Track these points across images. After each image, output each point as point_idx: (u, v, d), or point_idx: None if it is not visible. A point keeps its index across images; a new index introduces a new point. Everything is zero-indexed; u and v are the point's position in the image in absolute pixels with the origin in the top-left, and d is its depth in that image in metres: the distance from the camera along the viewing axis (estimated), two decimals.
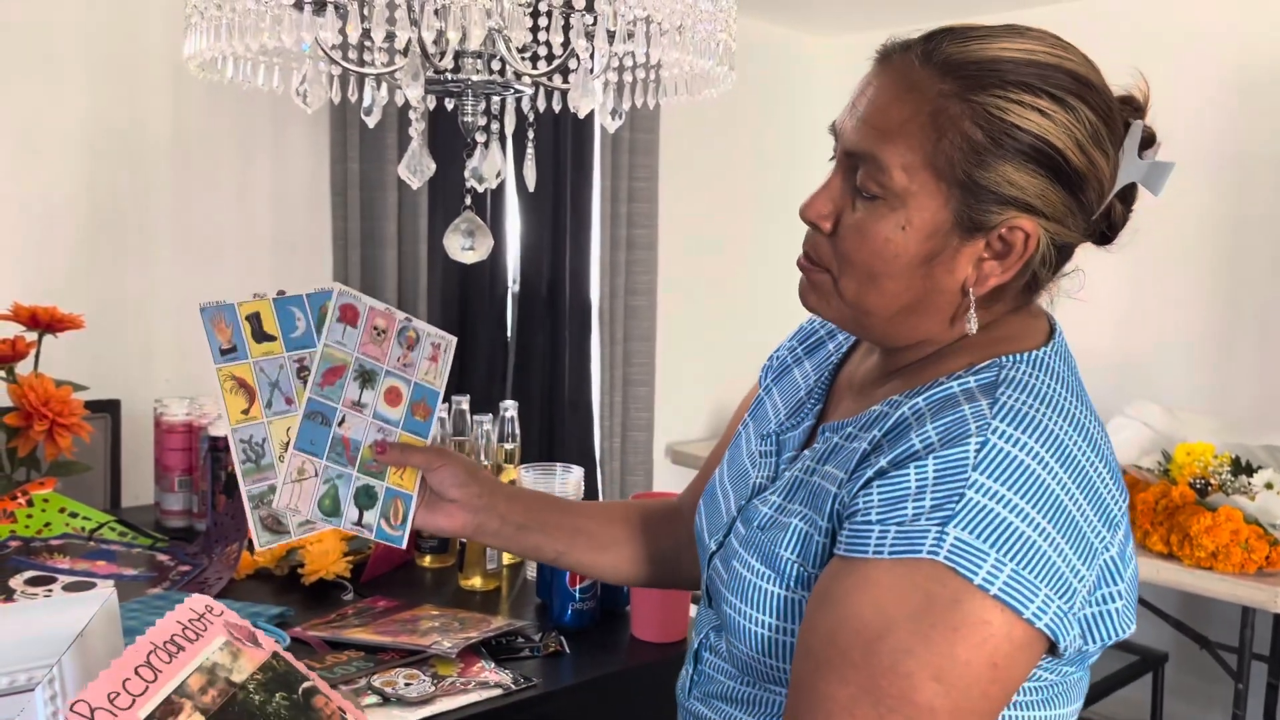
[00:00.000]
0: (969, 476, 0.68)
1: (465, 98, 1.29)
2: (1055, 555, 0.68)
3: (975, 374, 0.77)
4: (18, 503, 1.60)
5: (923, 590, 0.68)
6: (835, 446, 0.82)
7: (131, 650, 0.74)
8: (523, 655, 1.30)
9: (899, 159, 0.76)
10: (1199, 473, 2.22)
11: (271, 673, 0.81)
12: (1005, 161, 0.74)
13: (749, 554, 0.82)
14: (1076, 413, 0.75)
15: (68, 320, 1.69)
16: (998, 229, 0.76)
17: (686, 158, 3.41)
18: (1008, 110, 0.74)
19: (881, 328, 0.82)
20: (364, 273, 2.73)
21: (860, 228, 0.78)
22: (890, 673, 0.67)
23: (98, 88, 2.34)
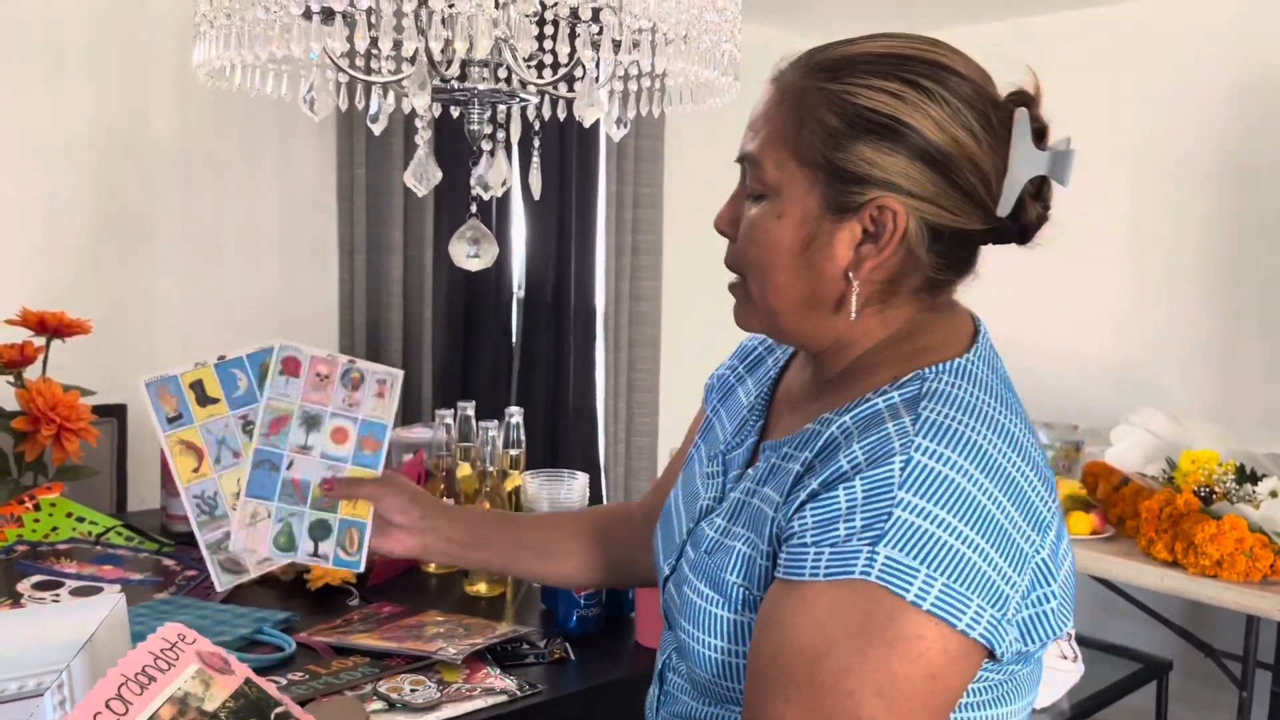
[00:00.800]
0: (895, 495, 0.70)
1: (471, 106, 1.30)
2: (986, 565, 0.70)
3: (899, 388, 0.78)
4: (25, 507, 1.61)
5: (859, 609, 0.70)
6: (774, 467, 0.84)
7: (103, 683, 0.74)
8: (528, 661, 1.31)
9: (771, 154, 0.81)
10: (1204, 480, 2.22)
11: (244, 700, 0.82)
12: (860, 142, 0.78)
13: (697, 579, 0.84)
14: (1002, 419, 0.76)
15: (75, 325, 1.70)
16: (865, 210, 0.79)
17: (691, 164, 3.42)
18: (859, 94, 0.78)
19: (793, 327, 0.85)
20: (369, 279, 2.74)
21: (749, 224, 0.84)
22: (833, 691, 0.69)
23: (104, 94, 2.35)
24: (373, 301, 2.75)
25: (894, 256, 0.80)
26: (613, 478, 3.22)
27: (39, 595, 1.40)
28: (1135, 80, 3.13)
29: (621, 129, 1.32)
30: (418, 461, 1.67)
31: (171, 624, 0.82)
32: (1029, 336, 3.38)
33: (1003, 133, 0.80)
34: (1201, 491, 2.20)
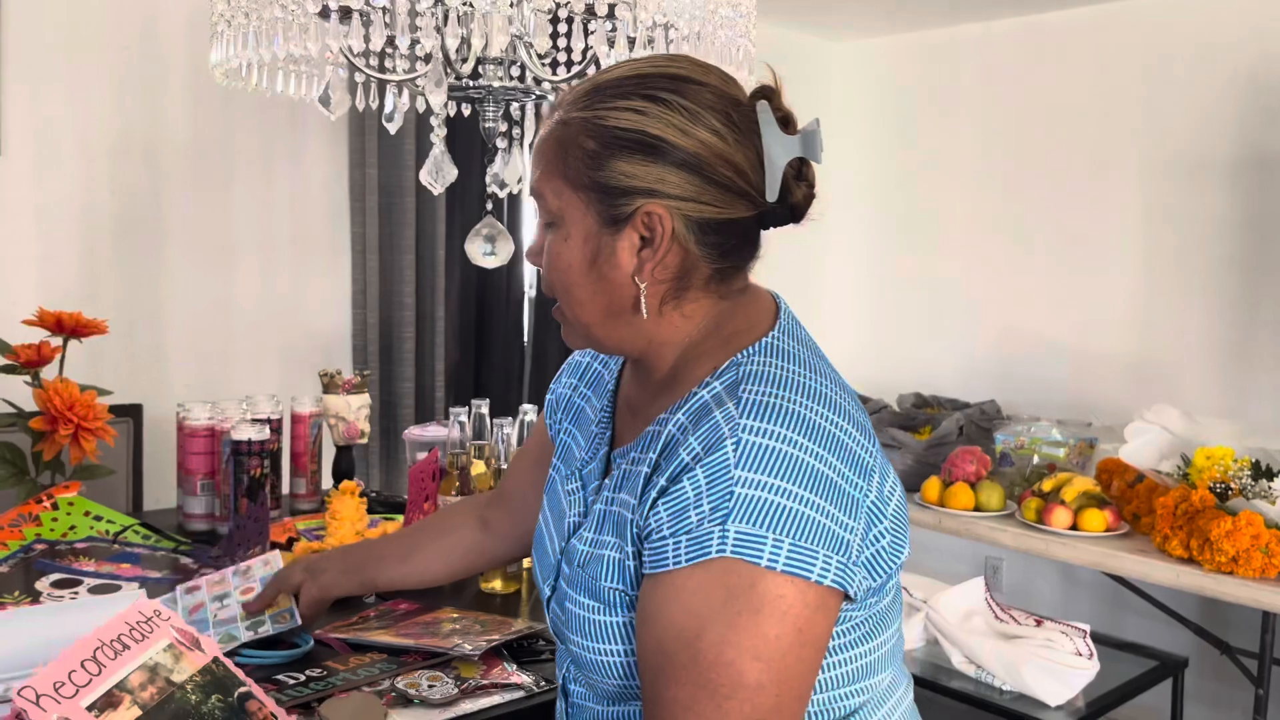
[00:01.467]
0: (732, 474, 0.77)
1: (486, 103, 1.30)
2: (823, 518, 0.77)
3: (719, 377, 0.86)
4: (43, 506, 1.62)
5: (721, 585, 0.76)
6: (625, 473, 0.89)
7: (80, 644, 0.80)
8: (544, 657, 1.31)
9: (549, 184, 0.88)
10: (1219, 477, 2.21)
11: (210, 676, 0.87)
12: (617, 158, 0.85)
13: (577, 593, 0.90)
14: (813, 384, 0.84)
15: (92, 325, 1.71)
16: (635, 218, 0.85)
17: None
18: (607, 116, 0.85)
19: (606, 335, 0.91)
20: (382, 278, 2.74)
21: (547, 252, 0.90)
22: (716, 664, 0.76)
23: (119, 95, 2.36)
24: (385, 301, 2.75)
25: (671, 255, 0.87)
26: None
27: (58, 593, 1.41)
28: (1148, 76, 3.12)
29: None
30: (432, 459, 1.67)
31: (149, 600, 0.88)
32: (1044, 334, 3.36)
33: (749, 126, 0.86)
34: (1217, 488, 2.19)
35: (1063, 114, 3.26)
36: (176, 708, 0.83)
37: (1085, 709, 1.91)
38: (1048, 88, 3.27)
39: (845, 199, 3.78)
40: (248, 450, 1.76)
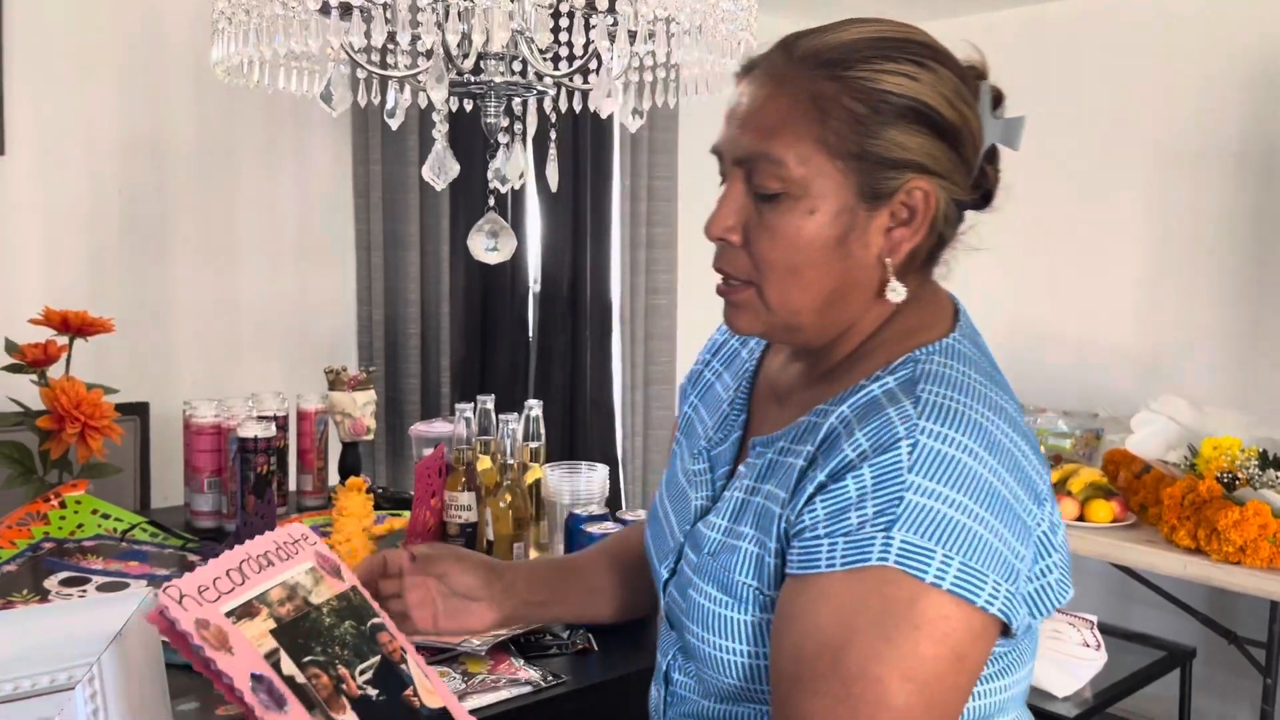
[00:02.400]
0: (905, 479, 0.70)
1: (487, 99, 1.30)
2: (997, 541, 0.71)
3: (892, 372, 0.79)
4: (51, 505, 1.62)
5: (879, 595, 0.69)
6: (771, 463, 0.83)
7: (227, 555, 0.83)
8: (551, 653, 1.31)
9: (791, 149, 0.78)
10: (1226, 467, 2.20)
11: (346, 603, 0.89)
12: (889, 126, 0.78)
13: (704, 582, 0.83)
14: (994, 396, 0.78)
15: (98, 324, 1.71)
16: (898, 194, 0.79)
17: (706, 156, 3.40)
18: (878, 79, 0.78)
19: (813, 325, 0.83)
20: (386, 275, 2.74)
21: (770, 227, 0.81)
22: (861, 679, 0.69)
23: (123, 93, 2.37)
24: (390, 298, 2.75)
25: (921, 235, 0.81)
26: (630, 470, 3.22)
27: (66, 591, 1.41)
28: (1154, 67, 3.10)
29: (637, 119, 1.32)
30: (438, 455, 1.67)
31: (300, 524, 0.91)
32: (1050, 324, 3.36)
33: (975, 101, 0.82)
34: (1224, 478, 2.18)
35: (1068, 105, 3.25)
36: (310, 626, 0.84)
37: (1093, 700, 1.91)
38: (1052, 79, 3.26)
39: None
40: (254, 447, 1.76)
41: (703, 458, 0.93)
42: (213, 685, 0.77)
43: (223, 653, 0.76)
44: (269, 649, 0.79)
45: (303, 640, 0.84)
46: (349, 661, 0.85)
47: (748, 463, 0.86)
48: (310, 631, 0.85)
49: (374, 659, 0.88)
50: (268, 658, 0.79)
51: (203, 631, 0.77)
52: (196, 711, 1.09)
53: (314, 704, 0.79)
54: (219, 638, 0.77)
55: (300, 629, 0.84)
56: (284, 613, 0.83)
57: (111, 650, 0.83)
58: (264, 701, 0.76)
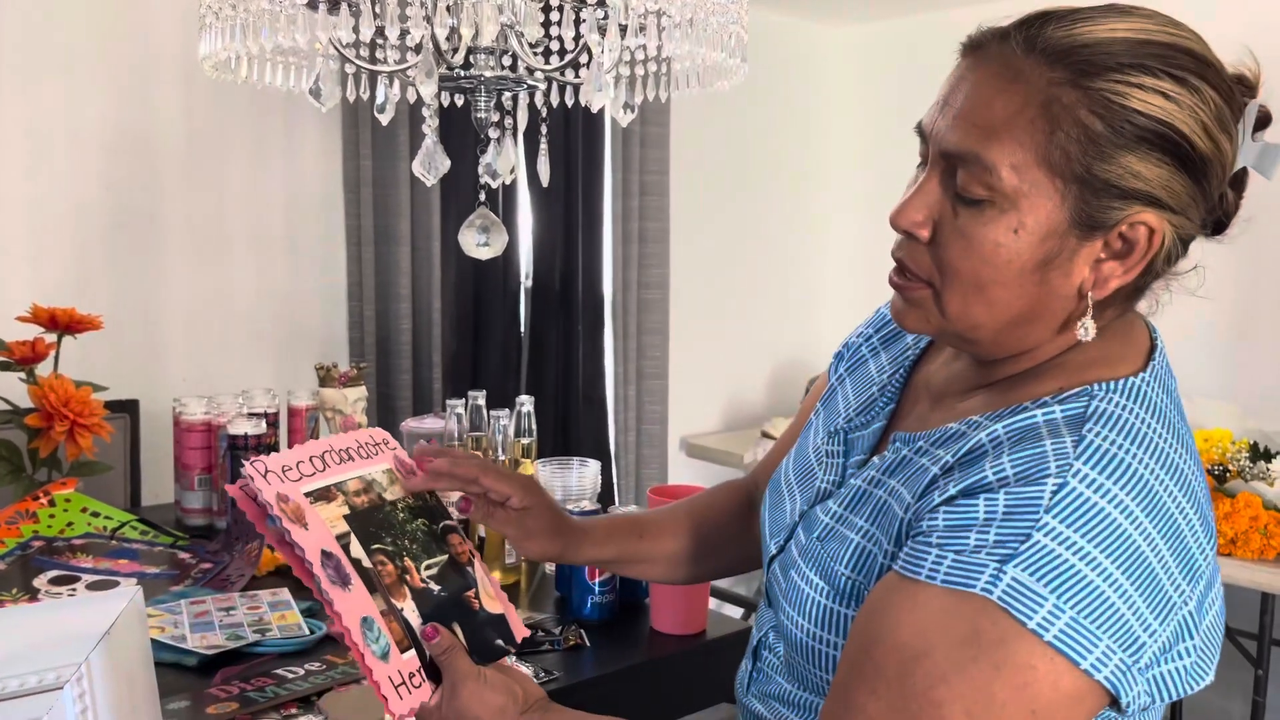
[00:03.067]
0: (1040, 518, 0.65)
1: (478, 94, 1.29)
2: (1125, 607, 0.65)
3: (1062, 403, 0.72)
4: (40, 503, 1.61)
5: (970, 622, 0.65)
6: (904, 460, 0.79)
7: (313, 443, 0.89)
8: (543, 649, 1.31)
9: (1007, 157, 0.70)
10: (1217, 459, 2.21)
11: (422, 503, 0.94)
12: (1128, 152, 0.68)
13: (807, 566, 0.81)
14: (1171, 452, 0.70)
15: (86, 321, 1.70)
16: (1119, 225, 0.71)
17: (698, 150, 3.41)
18: (1128, 95, 0.68)
19: (990, 340, 0.76)
20: (377, 270, 2.73)
21: (966, 234, 0.72)
22: (922, 697, 0.66)
23: (110, 88, 2.35)
24: (381, 293, 2.75)
25: (1135, 272, 0.73)
26: (623, 465, 3.22)
27: (56, 590, 1.40)
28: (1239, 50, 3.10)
29: (628, 114, 1.32)
30: None
31: (381, 429, 0.96)
32: None
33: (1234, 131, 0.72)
34: (1215, 470, 2.19)
35: None
36: (383, 518, 0.89)
37: None
38: None
39: (841, 186, 3.78)
40: (244, 444, 1.76)
41: (838, 439, 0.89)
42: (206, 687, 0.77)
43: (298, 526, 0.81)
44: (341, 531, 0.84)
45: (374, 529, 0.88)
46: (416, 555, 0.89)
47: (883, 455, 0.82)
48: (383, 523, 0.89)
49: (441, 557, 0.91)
50: (339, 539, 0.84)
51: (282, 505, 0.82)
52: (186, 710, 1.08)
53: (375, 588, 0.83)
54: (296, 513, 0.82)
55: (374, 519, 0.89)
56: (359, 503, 0.88)
57: (100, 649, 0.82)
58: (330, 577, 0.80)
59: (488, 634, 0.90)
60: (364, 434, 0.93)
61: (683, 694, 1.38)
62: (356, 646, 0.80)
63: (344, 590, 0.81)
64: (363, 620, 0.81)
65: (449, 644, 0.83)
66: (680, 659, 1.36)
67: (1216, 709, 2.92)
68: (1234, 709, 2.89)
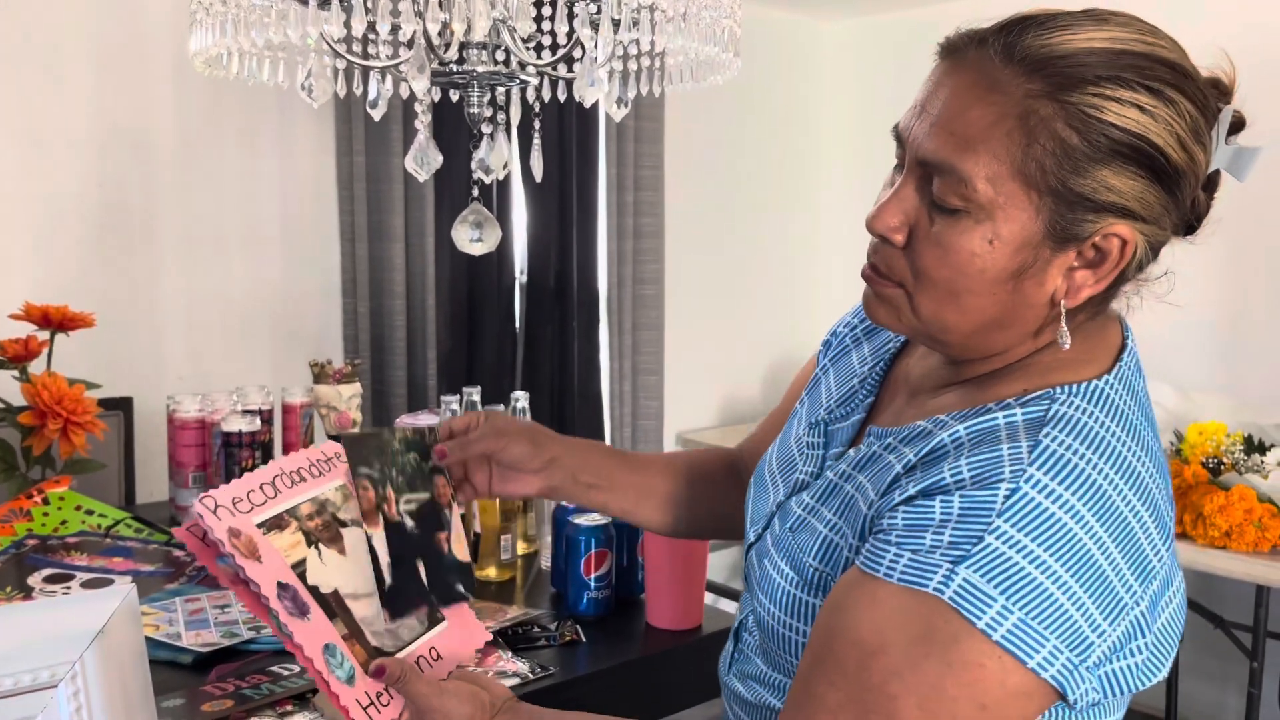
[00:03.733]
0: (992, 522, 0.67)
1: (470, 89, 1.29)
2: (1073, 608, 0.66)
3: (1024, 405, 0.73)
4: (34, 501, 1.61)
5: (924, 621, 0.67)
6: (873, 455, 0.80)
7: (263, 469, 0.86)
8: (539, 644, 1.31)
9: (983, 169, 0.70)
10: (1212, 452, 2.22)
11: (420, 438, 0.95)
12: (1103, 166, 0.69)
13: (778, 555, 0.83)
14: (1129, 456, 0.71)
15: (79, 319, 1.70)
16: (1092, 237, 0.72)
17: (692, 145, 3.40)
18: (1104, 109, 0.68)
19: (959, 343, 0.78)
20: (371, 267, 2.73)
21: (941, 242, 0.73)
22: (878, 691, 0.68)
23: (102, 85, 2.34)
24: (375, 290, 2.74)
25: (1108, 284, 0.74)
26: None
27: (50, 588, 1.40)
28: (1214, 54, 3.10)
29: (622, 109, 1.31)
30: None
31: (334, 443, 0.93)
32: None
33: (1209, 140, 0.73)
34: (1209, 463, 2.19)
35: None
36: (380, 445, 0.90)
37: None
38: None
39: (837, 182, 3.77)
40: (239, 441, 1.75)
41: (819, 430, 0.90)
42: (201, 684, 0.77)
43: (252, 561, 0.80)
44: (296, 559, 0.83)
45: (367, 453, 0.88)
46: (399, 487, 0.90)
47: (858, 448, 0.83)
48: (378, 449, 0.90)
49: (423, 494, 0.92)
50: (294, 567, 0.82)
51: (234, 540, 0.80)
52: (181, 708, 1.08)
53: (334, 613, 0.82)
54: (249, 547, 0.80)
55: (370, 445, 0.90)
56: (312, 527, 0.86)
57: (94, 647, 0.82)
58: (289, 609, 0.79)
59: (451, 579, 0.92)
60: (315, 451, 0.91)
61: (678, 688, 1.38)
62: (320, 675, 0.79)
63: (303, 620, 0.80)
64: (325, 648, 0.81)
65: (400, 673, 0.83)
66: (676, 654, 1.36)
67: (1211, 702, 2.93)
68: (1229, 701, 2.89)
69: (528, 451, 1.01)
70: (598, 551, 1.40)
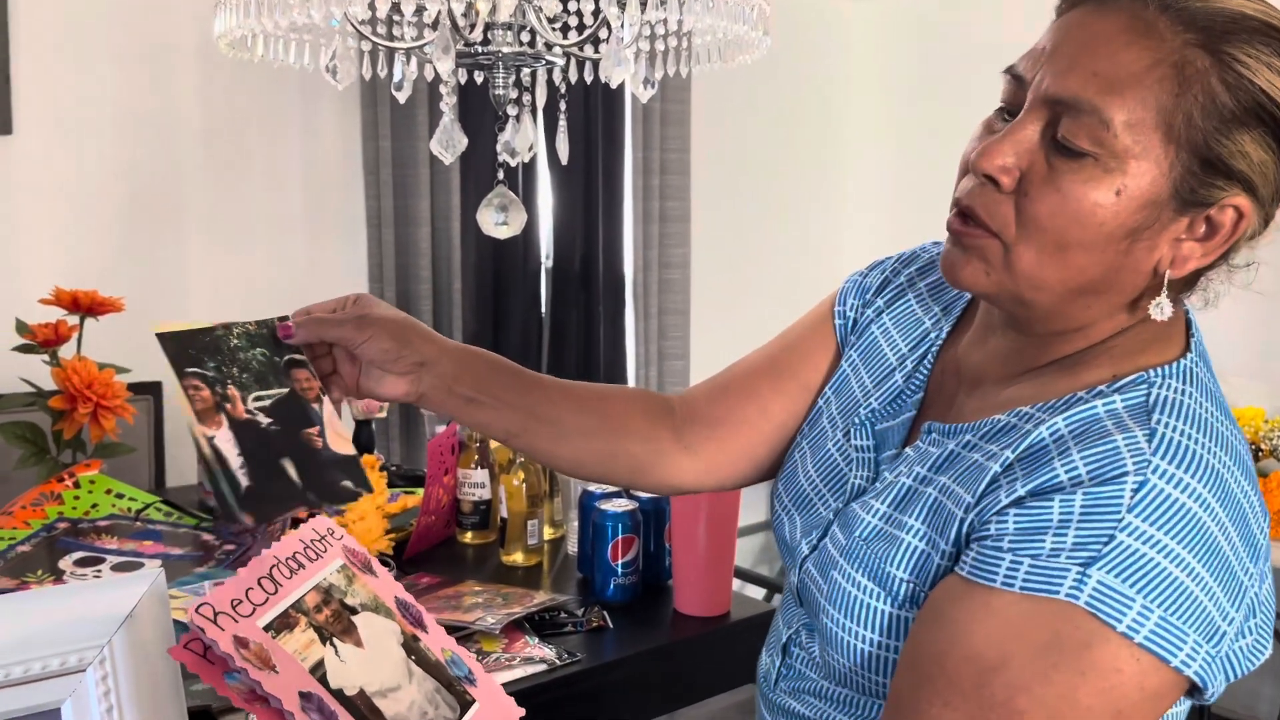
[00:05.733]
0: (1122, 518, 0.64)
1: (496, 70, 1.28)
2: (1207, 600, 0.64)
3: (1121, 391, 0.70)
4: (65, 485, 1.62)
5: (1050, 629, 0.64)
6: (951, 454, 0.76)
7: (256, 562, 0.78)
8: (566, 630, 1.30)
9: (1126, 113, 0.66)
10: (1250, 438, 2.18)
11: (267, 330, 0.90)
12: (1246, 130, 0.67)
13: (851, 566, 0.77)
14: (1226, 433, 0.69)
15: (108, 304, 1.71)
16: (1214, 205, 0.69)
17: (718, 128, 3.37)
18: (1259, 73, 0.66)
19: (1047, 306, 0.73)
20: (398, 252, 2.73)
21: (1061, 189, 0.68)
22: (1002, 708, 0.64)
23: (128, 71, 2.35)
24: (401, 274, 2.74)
25: (1213, 260, 0.72)
26: None
27: (81, 572, 1.41)
28: None
29: (649, 89, 1.30)
30: (451, 433, 1.66)
31: (323, 518, 0.84)
32: None
33: None
34: None
35: None
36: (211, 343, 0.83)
37: None
38: None
39: (868, 156, 3.73)
40: None
41: (865, 432, 0.85)
42: None
43: (267, 672, 0.71)
44: (314, 662, 0.75)
45: (194, 352, 0.81)
46: (244, 384, 0.82)
47: (918, 447, 0.79)
48: (209, 348, 0.82)
49: (279, 390, 0.84)
50: (313, 671, 0.74)
51: (243, 651, 0.71)
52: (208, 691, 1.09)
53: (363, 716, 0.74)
54: (260, 656, 0.72)
55: (198, 341, 0.83)
56: (322, 620, 0.77)
57: (122, 632, 0.82)
58: None
59: (333, 474, 0.84)
60: (306, 531, 0.82)
61: (706, 676, 1.37)
62: None
63: None
64: None
65: None
66: (704, 640, 1.35)
67: (1246, 690, 2.89)
68: (1264, 690, 2.86)
69: (390, 349, 0.88)
70: (625, 537, 1.40)
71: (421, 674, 0.81)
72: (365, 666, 0.78)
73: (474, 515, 1.65)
